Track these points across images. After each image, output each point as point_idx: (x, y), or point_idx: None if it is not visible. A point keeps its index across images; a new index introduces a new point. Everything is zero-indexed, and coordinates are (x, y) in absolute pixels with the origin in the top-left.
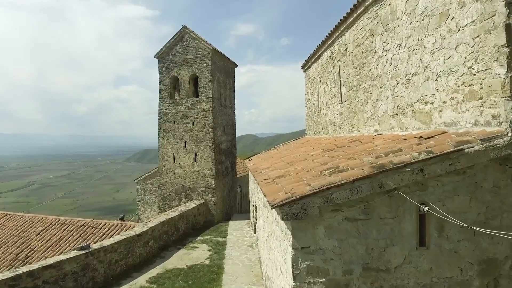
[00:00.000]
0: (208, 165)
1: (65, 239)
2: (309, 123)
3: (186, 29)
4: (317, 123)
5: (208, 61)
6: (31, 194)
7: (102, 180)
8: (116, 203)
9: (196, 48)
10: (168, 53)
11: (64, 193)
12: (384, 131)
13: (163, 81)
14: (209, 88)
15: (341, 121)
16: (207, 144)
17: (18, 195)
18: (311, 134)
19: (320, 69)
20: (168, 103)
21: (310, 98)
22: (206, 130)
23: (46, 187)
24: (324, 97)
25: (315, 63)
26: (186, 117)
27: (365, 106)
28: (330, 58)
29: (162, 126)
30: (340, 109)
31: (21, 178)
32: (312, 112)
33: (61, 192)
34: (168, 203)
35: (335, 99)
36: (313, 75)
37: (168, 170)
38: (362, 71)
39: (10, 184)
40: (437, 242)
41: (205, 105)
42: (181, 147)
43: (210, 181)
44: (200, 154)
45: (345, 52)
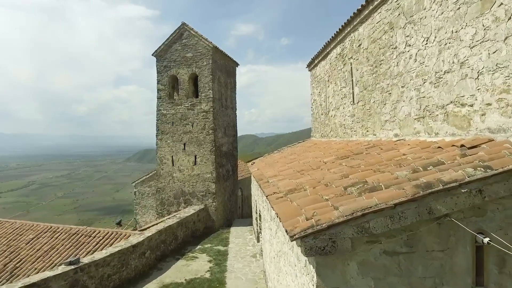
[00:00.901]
0: (208, 168)
1: (57, 248)
2: (316, 125)
3: (185, 26)
4: (324, 125)
5: (209, 60)
6: (31, 194)
7: (102, 180)
8: (116, 203)
9: (196, 46)
10: (167, 51)
11: (64, 193)
12: (407, 136)
13: (161, 81)
14: (210, 88)
15: (354, 124)
16: (208, 146)
17: (18, 195)
18: (317, 137)
19: (329, 67)
20: (167, 103)
21: (317, 99)
22: (206, 132)
23: (46, 187)
24: (333, 98)
25: (322, 61)
26: (185, 118)
27: (382, 107)
28: (341, 56)
29: (160, 127)
30: (352, 110)
31: (21, 178)
32: (319, 113)
33: (61, 192)
34: (167, 208)
35: (346, 99)
36: (320, 74)
37: (166, 173)
38: (379, 69)
39: (10, 184)
40: (497, 281)
41: (205, 105)
42: (180, 150)
43: (210, 185)
44: (200, 157)
45: (358, 49)
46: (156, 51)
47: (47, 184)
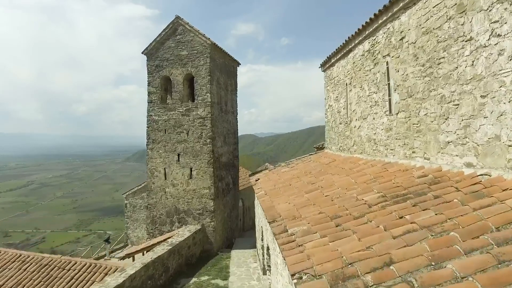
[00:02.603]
0: (205, 183)
1: (23, 284)
2: (332, 135)
3: (180, 20)
4: (344, 137)
5: (206, 58)
6: (30, 193)
7: (102, 179)
8: (115, 203)
9: (192, 42)
10: (159, 48)
11: (63, 193)
12: (493, 169)
13: (152, 82)
14: (207, 91)
15: (390, 140)
16: (205, 157)
17: (17, 194)
18: (334, 150)
19: (351, 67)
20: (159, 108)
21: (334, 105)
22: (203, 141)
23: (45, 186)
24: (358, 105)
25: (341, 60)
26: (179, 125)
27: (441, 123)
28: (370, 53)
29: (151, 135)
30: (388, 123)
31: (20, 178)
32: (336, 122)
33: (60, 192)
34: (158, 228)
35: (378, 108)
36: (339, 76)
37: (158, 188)
38: (436, 71)
39: (9, 183)
40: None
41: (202, 111)
42: (173, 161)
43: (208, 202)
44: (196, 170)
45: (399, 44)
46: (147, 49)
47: (46, 184)
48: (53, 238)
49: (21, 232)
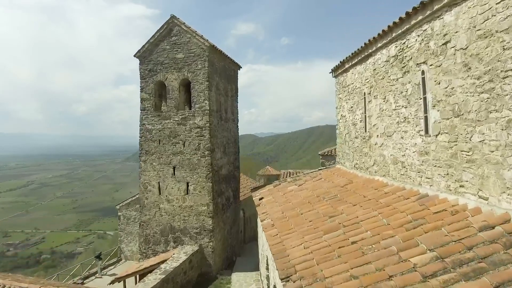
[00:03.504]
0: (203, 199)
1: None
2: (345, 149)
3: (175, 20)
4: (362, 153)
5: (204, 62)
6: (30, 193)
7: (101, 179)
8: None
9: (188, 44)
10: (152, 51)
11: (63, 193)
12: None
13: (145, 88)
14: (205, 98)
15: (426, 166)
16: (203, 171)
17: (17, 194)
18: (347, 166)
19: (370, 75)
20: (152, 116)
21: (348, 115)
22: (201, 153)
23: (45, 186)
24: (380, 119)
25: (358, 65)
26: (175, 135)
27: (507, 155)
28: (397, 59)
29: (144, 146)
30: (424, 145)
31: (20, 178)
32: (351, 135)
33: (60, 192)
34: (152, 248)
35: (409, 126)
36: (354, 83)
37: (151, 204)
38: (500, 86)
39: (9, 183)
40: None
41: (199, 120)
42: (168, 175)
43: (206, 220)
44: (193, 185)
45: (442, 49)
46: (139, 52)
47: (46, 184)
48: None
49: (20, 232)
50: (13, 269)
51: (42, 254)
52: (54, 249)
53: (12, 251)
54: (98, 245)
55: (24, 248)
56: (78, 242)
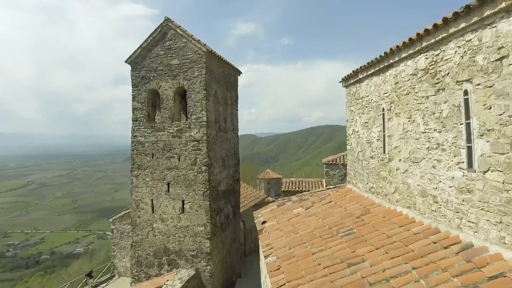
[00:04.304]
0: (200, 219)
1: None
2: (358, 168)
3: (170, 22)
4: (379, 176)
5: (201, 69)
6: (30, 193)
7: (101, 179)
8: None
9: (184, 49)
10: (145, 56)
11: (63, 193)
12: None
13: (137, 97)
14: (203, 108)
15: (468, 208)
16: (200, 188)
17: (16, 194)
18: (361, 189)
19: (391, 88)
20: (145, 128)
21: (361, 132)
22: (198, 168)
23: (45, 186)
24: (404, 141)
25: (374, 76)
26: (169, 148)
27: None
28: (428, 73)
29: (136, 160)
30: (466, 181)
31: (20, 178)
32: (366, 154)
33: (60, 192)
34: (145, 271)
35: (444, 154)
36: (369, 96)
37: (144, 223)
38: None
39: (9, 183)
40: None
41: (196, 132)
42: (162, 192)
43: (203, 242)
44: (189, 203)
45: (495, 66)
46: (131, 57)
47: (46, 184)
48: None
49: (20, 232)
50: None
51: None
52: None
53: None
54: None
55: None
56: (78, 242)
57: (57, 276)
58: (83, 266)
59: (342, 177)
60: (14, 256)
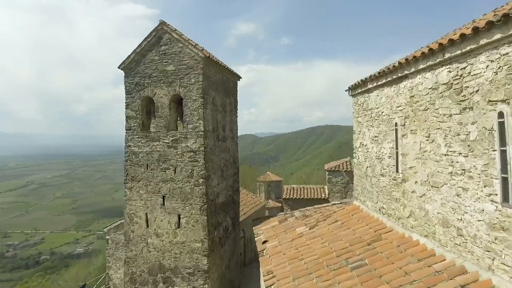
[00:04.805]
0: (197, 235)
1: None
2: (366, 184)
3: (165, 26)
4: (390, 197)
5: (198, 76)
6: (30, 194)
7: (101, 179)
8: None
9: (180, 55)
10: (139, 62)
11: (63, 193)
12: None
13: (131, 104)
14: (200, 117)
15: (502, 247)
16: (196, 202)
17: (16, 194)
18: (369, 207)
19: (406, 102)
20: (139, 137)
21: (370, 146)
22: (194, 181)
23: (44, 186)
24: (420, 161)
25: (386, 87)
26: (165, 159)
27: None
28: (451, 88)
29: (129, 171)
30: (500, 217)
31: (20, 178)
32: (375, 171)
33: (60, 192)
34: None
35: (471, 182)
36: (380, 108)
37: (138, 238)
38: None
39: (8, 183)
40: None
41: (193, 142)
42: (157, 205)
43: (200, 259)
44: (185, 218)
45: None
46: (124, 63)
47: (46, 184)
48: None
49: (20, 232)
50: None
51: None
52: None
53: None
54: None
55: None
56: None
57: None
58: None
59: (345, 184)
60: (14, 256)
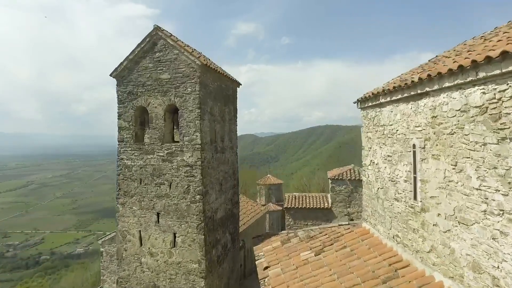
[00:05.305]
0: (194, 255)
1: None
2: (377, 207)
3: (160, 31)
4: (406, 225)
5: (195, 85)
6: (30, 194)
7: (101, 179)
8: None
9: (176, 62)
10: (132, 69)
11: (63, 193)
12: None
13: (124, 115)
14: (196, 129)
15: None
16: (193, 220)
17: (16, 195)
18: (381, 233)
19: (427, 122)
20: (132, 150)
21: (382, 165)
22: (191, 197)
23: (45, 186)
24: (445, 192)
25: (401, 103)
26: (159, 174)
27: None
28: (487, 113)
29: (122, 186)
30: None
31: (20, 178)
32: (388, 194)
33: (60, 192)
34: None
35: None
36: (394, 126)
37: (131, 257)
38: None
39: (9, 184)
40: None
41: (189, 156)
42: (151, 223)
43: (198, 282)
44: (181, 236)
45: None
46: (116, 70)
47: (46, 184)
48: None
49: (20, 232)
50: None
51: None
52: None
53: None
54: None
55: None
56: (78, 243)
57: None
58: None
59: (349, 194)
60: (14, 256)
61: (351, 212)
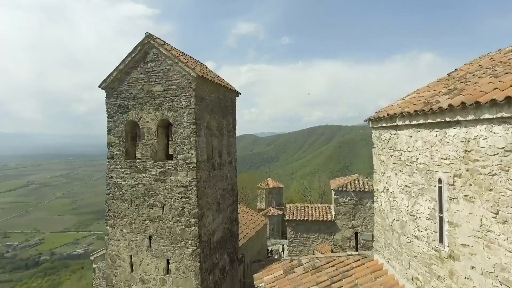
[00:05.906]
0: (189, 283)
1: None
2: (391, 240)
3: (152, 39)
4: (429, 270)
5: (190, 98)
6: (30, 194)
7: (102, 179)
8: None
9: (169, 73)
10: (122, 81)
11: (63, 193)
12: None
13: (113, 129)
14: (192, 146)
15: None
16: (188, 245)
17: (16, 195)
18: (397, 271)
19: (457, 156)
20: (122, 167)
21: (397, 194)
22: (185, 220)
23: (45, 186)
24: (482, 242)
25: (423, 129)
26: (151, 194)
27: None
28: None
29: (111, 206)
30: None
31: (20, 178)
32: (406, 230)
33: (60, 192)
34: None
35: None
36: (413, 153)
37: (121, 283)
38: None
39: (9, 183)
40: None
41: (184, 176)
42: (143, 247)
43: None
44: (175, 263)
45: None
46: (106, 81)
47: (46, 184)
48: (52, 239)
49: (20, 233)
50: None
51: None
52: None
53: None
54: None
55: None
56: (78, 243)
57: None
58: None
59: (354, 206)
60: (14, 257)
61: (356, 225)
